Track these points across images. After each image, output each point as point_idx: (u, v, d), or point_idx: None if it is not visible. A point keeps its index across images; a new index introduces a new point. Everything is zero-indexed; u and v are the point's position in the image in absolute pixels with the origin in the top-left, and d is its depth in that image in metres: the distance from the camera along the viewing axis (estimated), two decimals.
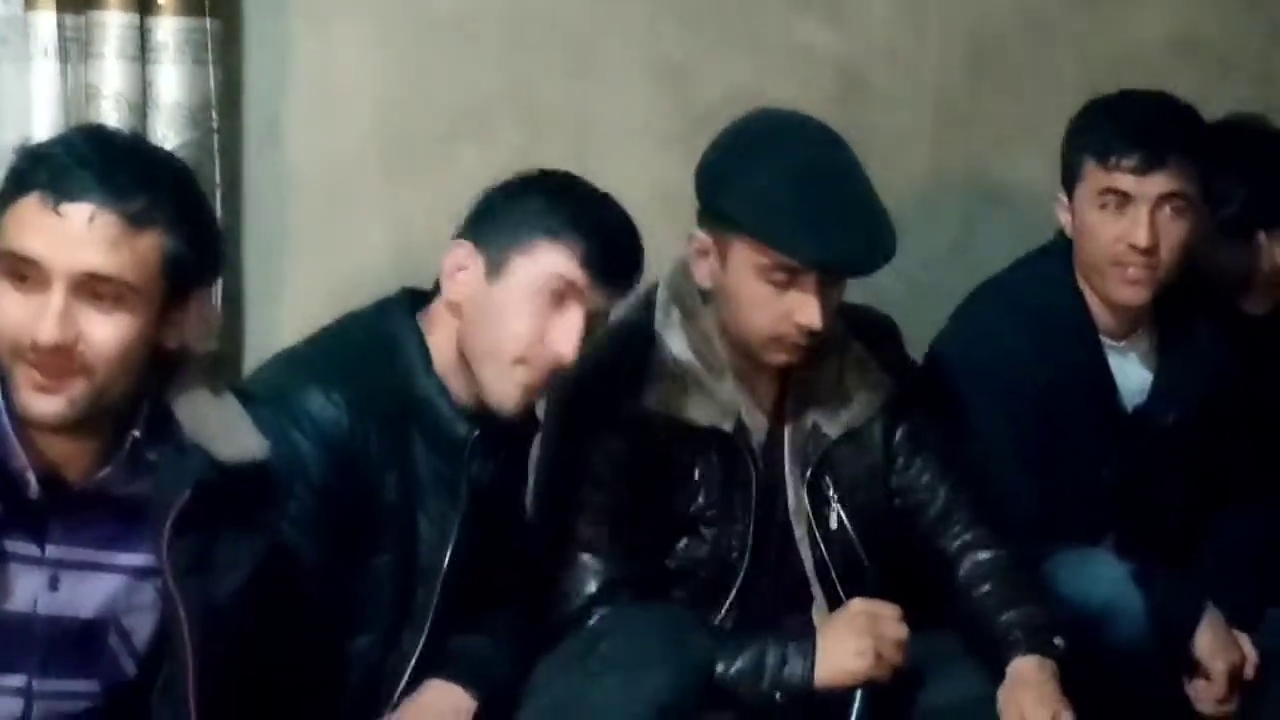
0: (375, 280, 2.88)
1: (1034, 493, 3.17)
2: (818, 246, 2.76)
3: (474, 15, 3.37)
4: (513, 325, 2.61)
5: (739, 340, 2.87)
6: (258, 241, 3.24)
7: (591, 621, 2.77)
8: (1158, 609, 3.10)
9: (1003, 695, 2.83)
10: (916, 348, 3.33)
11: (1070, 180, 3.29)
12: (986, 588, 2.93)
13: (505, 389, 2.63)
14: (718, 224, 2.84)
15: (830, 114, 3.58)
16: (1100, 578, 3.08)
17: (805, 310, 2.79)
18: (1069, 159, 3.29)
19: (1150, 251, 3.20)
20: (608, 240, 2.64)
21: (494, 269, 2.63)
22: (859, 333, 3.00)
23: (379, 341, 2.67)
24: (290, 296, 3.22)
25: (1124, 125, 3.24)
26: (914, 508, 3.00)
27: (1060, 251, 3.33)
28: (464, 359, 2.66)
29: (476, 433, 2.65)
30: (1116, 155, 3.21)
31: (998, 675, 2.85)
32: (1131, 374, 3.33)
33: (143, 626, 2.33)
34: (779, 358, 2.85)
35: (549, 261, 2.61)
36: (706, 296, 2.90)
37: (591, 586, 2.81)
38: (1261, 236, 3.52)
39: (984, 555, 2.96)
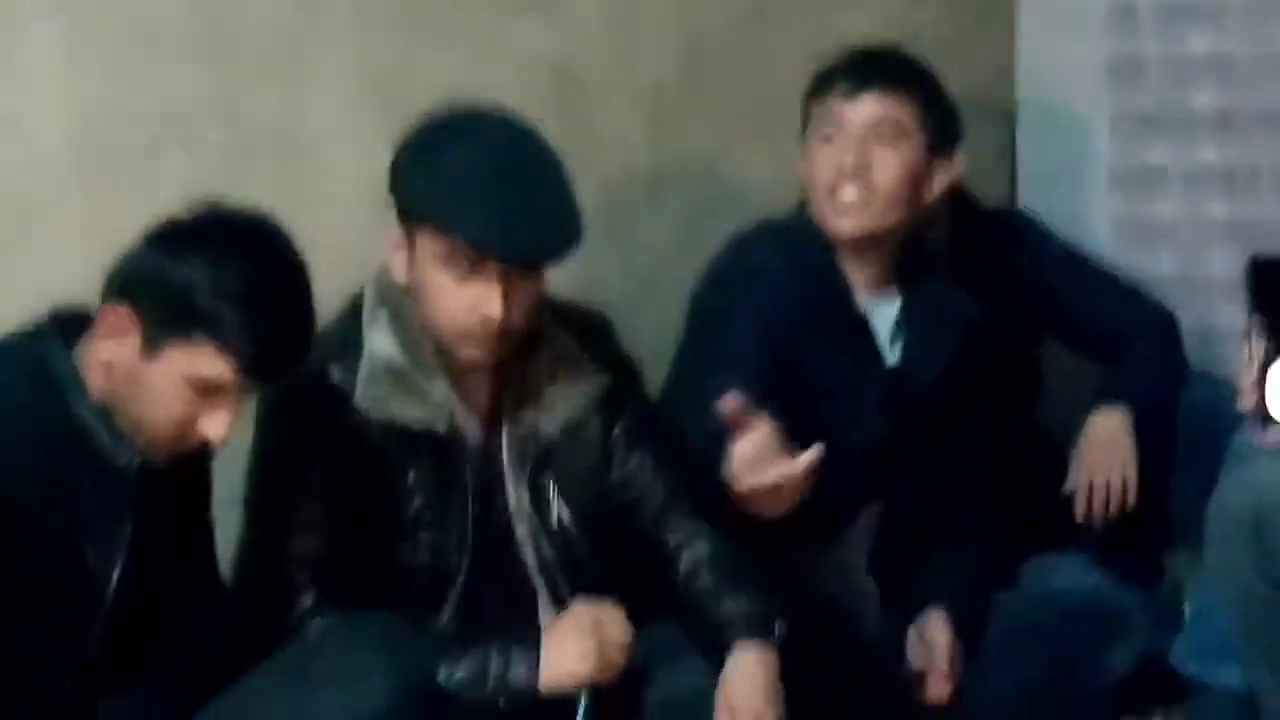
0: (80, 296, 2.76)
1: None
2: (492, 233, 2.74)
3: (171, 20, 3.29)
4: (162, 409, 2.55)
5: (435, 336, 2.83)
6: None
7: (307, 635, 2.71)
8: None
9: (719, 690, 2.82)
10: (643, 343, 3.32)
11: (804, 135, 3.37)
12: (706, 580, 2.91)
13: (154, 453, 2.58)
14: (406, 215, 2.82)
15: (545, 113, 3.58)
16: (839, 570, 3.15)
17: (488, 302, 2.75)
18: (802, 115, 3.37)
19: (860, 172, 3.26)
20: (273, 345, 2.56)
21: (149, 346, 2.54)
22: (571, 329, 2.97)
23: (29, 370, 2.59)
24: None
25: (838, 61, 3.37)
26: (634, 503, 2.97)
27: (804, 208, 3.37)
28: None
29: (138, 460, 2.58)
30: (829, 86, 3.33)
31: (718, 667, 2.84)
32: (886, 332, 3.36)
33: None
34: (473, 354, 2.82)
35: (207, 362, 2.53)
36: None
37: (306, 600, 2.75)
38: None
39: (703, 547, 2.94)
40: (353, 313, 2.89)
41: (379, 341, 2.85)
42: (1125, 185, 4.15)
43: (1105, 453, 3.57)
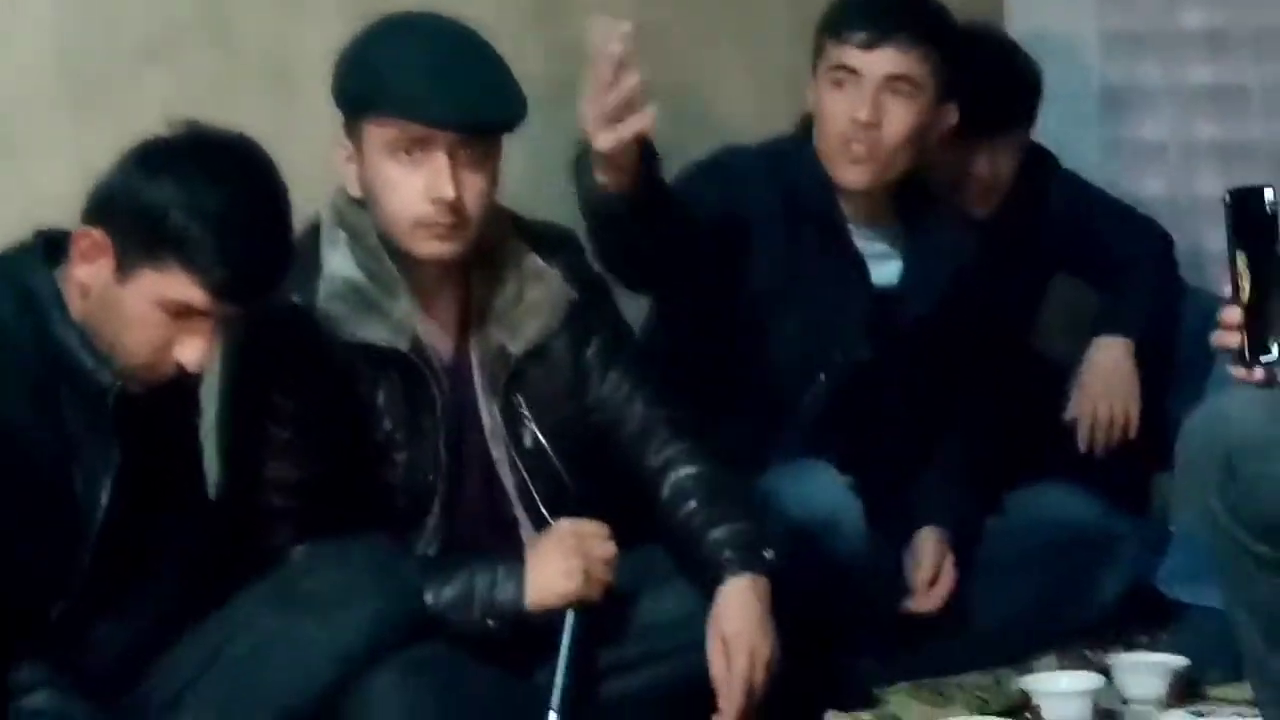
0: (63, 216, 2.75)
1: None
2: (433, 99, 2.75)
3: None
4: (136, 333, 2.53)
5: (392, 239, 2.82)
6: None
7: (292, 559, 2.72)
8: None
9: (711, 621, 2.82)
10: None
11: (815, 64, 3.33)
12: (692, 505, 2.90)
13: (132, 379, 2.57)
14: (350, 116, 2.83)
15: (529, 30, 3.59)
16: (821, 491, 3.12)
17: (438, 182, 2.76)
18: (815, 44, 3.34)
19: (872, 127, 3.23)
20: (246, 269, 2.54)
21: (122, 269, 2.53)
22: (538, 247, 2.95)
23: (11, 289, 2.57)
24: None
25: (858, 4, 3.31)
26: (611, 424, 2.96)
27: (803, 134, 3.36)
28: None
29: (119, 385, 2.56)
30: (847, 30, 3.27)
31: (709, 595, 2.83)
32: (876, 262, 3.35)
33: None
34: (432, 247, 2.80)
35: (180, 287, 2.51)
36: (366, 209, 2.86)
37: (287, 526, 2.76)
38: (984, 142, 3.56)
39: (687, 471, 2.92)
40: (311, 236, 2.86)
41: (337, 262, 2.84)
42: (1115, 106, 4.15)
43: (1108, 382, 3.58)
